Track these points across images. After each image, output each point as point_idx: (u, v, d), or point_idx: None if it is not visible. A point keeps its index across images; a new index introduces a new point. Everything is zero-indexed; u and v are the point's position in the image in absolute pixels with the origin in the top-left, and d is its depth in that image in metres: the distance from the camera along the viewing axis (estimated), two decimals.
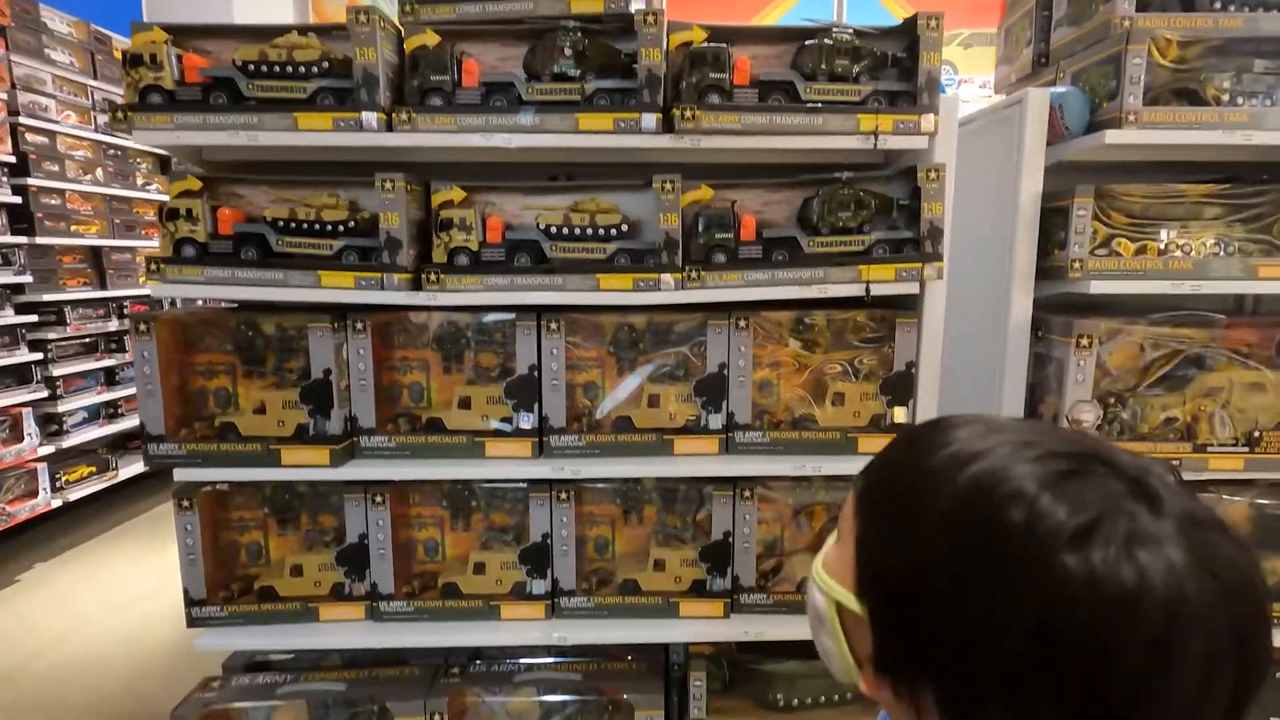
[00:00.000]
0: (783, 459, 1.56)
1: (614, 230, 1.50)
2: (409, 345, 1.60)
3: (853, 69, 1.47)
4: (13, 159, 3.53)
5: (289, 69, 1.42)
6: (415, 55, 1.44)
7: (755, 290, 1.49)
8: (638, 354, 1.60)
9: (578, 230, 1.50)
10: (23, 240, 3.58)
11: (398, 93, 1.46)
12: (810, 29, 1.47)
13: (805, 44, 1.48)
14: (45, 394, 3.73)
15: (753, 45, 1.51)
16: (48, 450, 3.72)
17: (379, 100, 1.40)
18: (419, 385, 1.61)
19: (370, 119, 1.39)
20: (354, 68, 1.39)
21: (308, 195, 1.49)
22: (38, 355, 3.67)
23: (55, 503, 3.74)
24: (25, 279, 3.59)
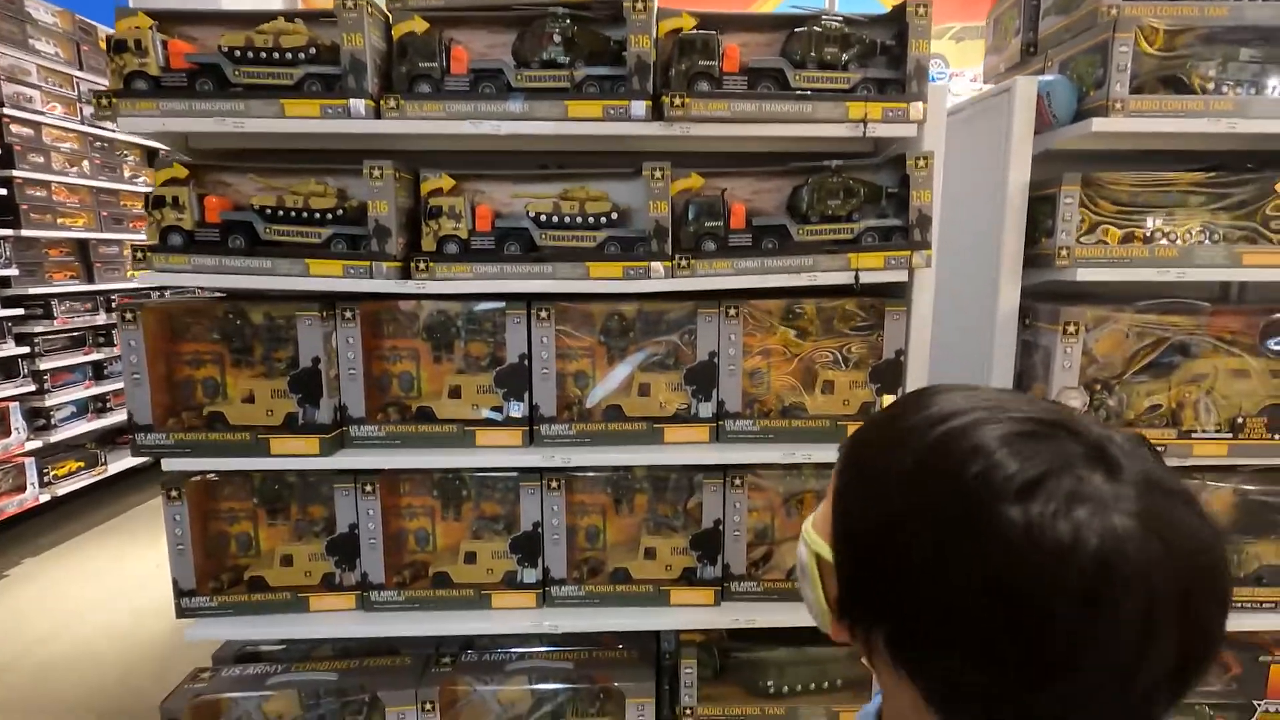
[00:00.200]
0: (773, 447, 1.57)
1: (604, 218, 1.50)
2: (399, 334, 1.60)
3: (842, 56, 1.47)
4: None
5: (276, 55, 1.41)
6: (403, 42, 1.43)
7: (745, 278, 1.49)
8: (628, 342, 1.60)
9: (567, 218, 1.49)
10: (8, 233, 3.55)
11: (386, 80, 1.46)
12: (800, 16, 1.47)
13: (795, 31, 1.47)
14: (32, 388, 3.71)
15: (742, 32, 1.51)
16: (35, 445, 3.70)
17: (367, 87, 1.39)
18: (409, 374, 1.61)
19: (358, 106, 1.39)
20: (342, 54, 1.38)
21: (295, 183, 1.48)
22: (24, 349, 3.64)
23: (44, 497, 3.72)
24: (11, 272, 3.56)
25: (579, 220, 1.49)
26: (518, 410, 1.57)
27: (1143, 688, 0.42)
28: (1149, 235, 1.56)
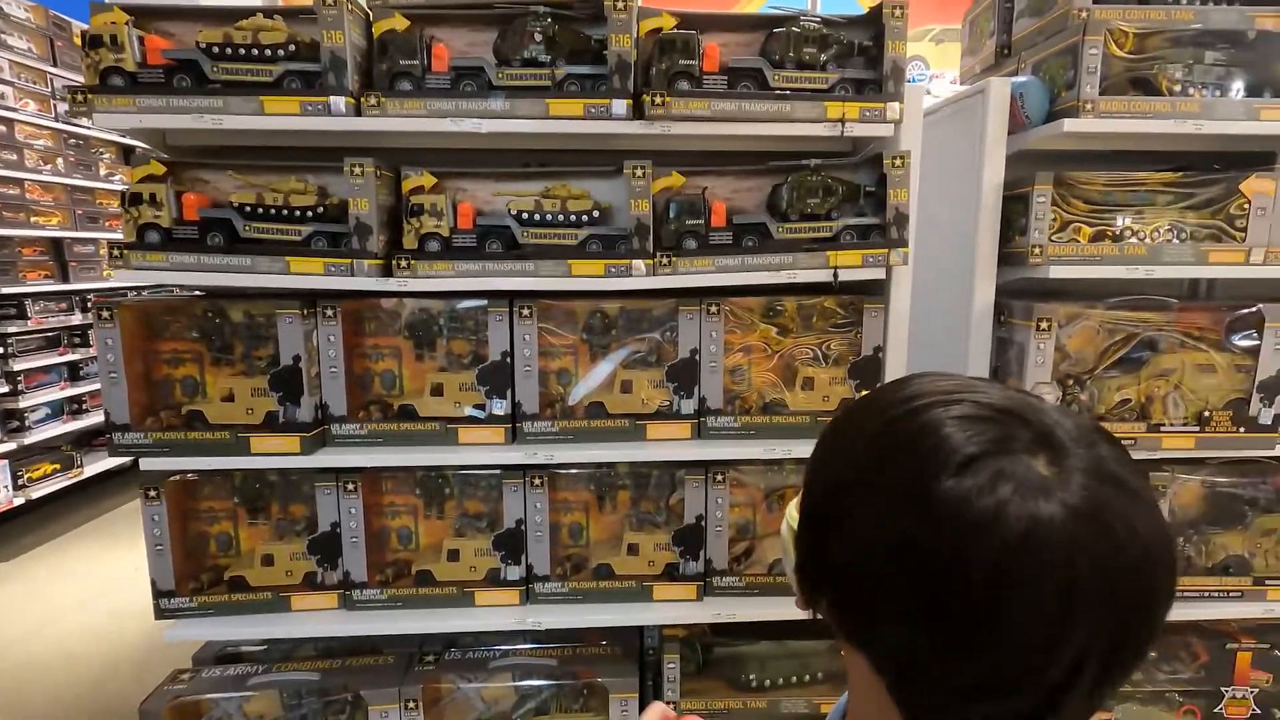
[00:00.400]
0: (754, 443, 1.58)
1: (585, 216, 1.51)
2: (380, 332, 1.59)
3: (820, 57, 1.49)
4: None
5: (254, 52, 1.40)
6: (384, 39, 1.43)
7: (726, 276, 1.51)
8: (610, 340, 1.61)
9: (549, 216, 1.50)
10: None
11: (366, 77, 1.45)
12: (779, 17, 1.49)
13: (774, 32, 1.49)
14: (5, 389, 3.64)
15: (722, 32, 1.52)
16: (9, 447, 3.63)
17: (347, 84, 1.39)
18: (391, 372, 1.60)
19: (338, 103, 1.38)
20: (321, 51, 1.38)
21: (275, 180, 1.48)
22: None
23: (18, 500, 3.65)
24: None
25: (561, 218, 1.50)
26: (500, 408, 1.57)
27: (1065, 668, 0.43)
28: (1119, 234, 1.60)
